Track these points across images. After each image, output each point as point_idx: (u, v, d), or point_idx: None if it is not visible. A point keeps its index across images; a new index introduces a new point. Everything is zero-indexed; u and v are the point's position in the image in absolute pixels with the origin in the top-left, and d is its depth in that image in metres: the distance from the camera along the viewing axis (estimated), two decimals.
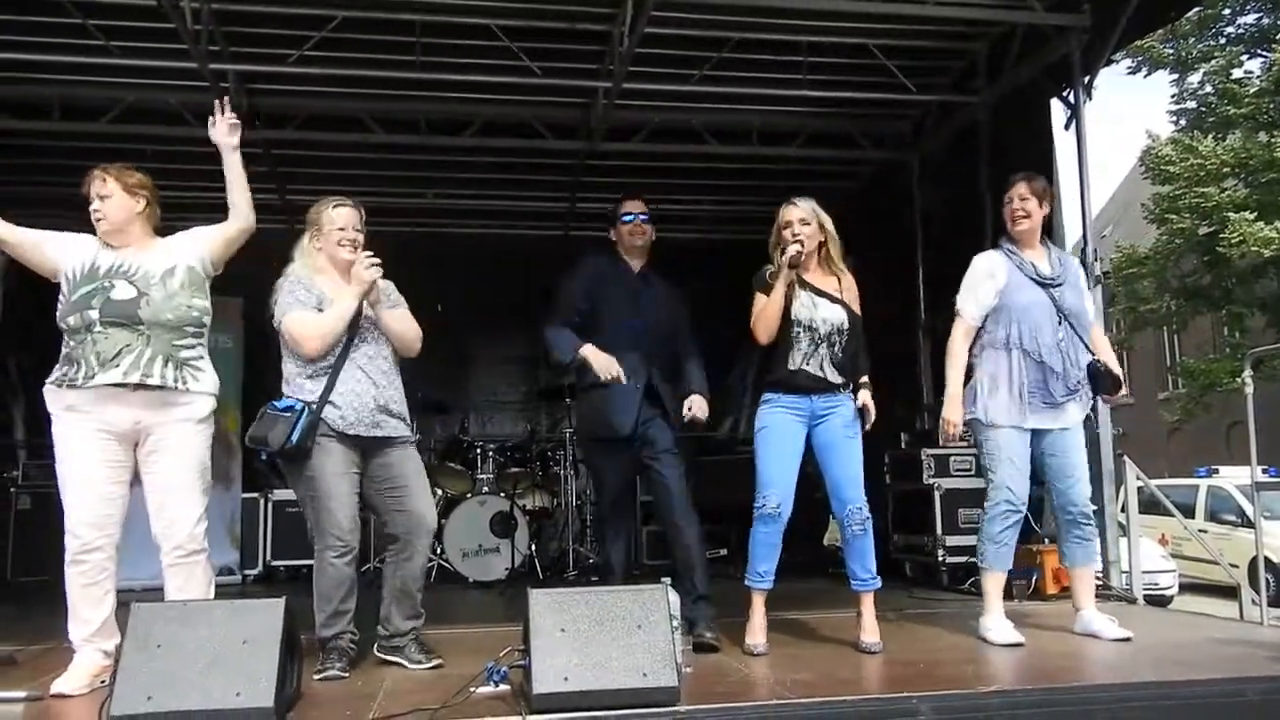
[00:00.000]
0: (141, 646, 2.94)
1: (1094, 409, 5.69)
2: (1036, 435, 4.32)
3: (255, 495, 8.04)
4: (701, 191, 9.15)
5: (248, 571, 7.81)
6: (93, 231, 3.70)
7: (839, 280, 4.22)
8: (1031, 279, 4.35)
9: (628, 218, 4.64)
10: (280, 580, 7.78)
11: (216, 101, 3.80)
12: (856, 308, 4.25)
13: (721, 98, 7.42)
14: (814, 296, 4.13)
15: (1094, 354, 4.38)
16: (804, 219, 4.15)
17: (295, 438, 3.64)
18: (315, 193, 3.89)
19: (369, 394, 3.79)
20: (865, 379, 4.22)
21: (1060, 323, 4.30)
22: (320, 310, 3.78)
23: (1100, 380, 4.35)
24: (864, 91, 7.35)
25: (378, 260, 3.79)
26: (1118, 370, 4.43)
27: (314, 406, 3.71)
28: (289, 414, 3.68)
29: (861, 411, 4.14)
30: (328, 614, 3.74)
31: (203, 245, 3.75)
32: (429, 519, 3.91)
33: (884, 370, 7.98)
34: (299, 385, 3.78)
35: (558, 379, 4.40)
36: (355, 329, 3.82)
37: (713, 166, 8.48)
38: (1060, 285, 4.36)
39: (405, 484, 3.88)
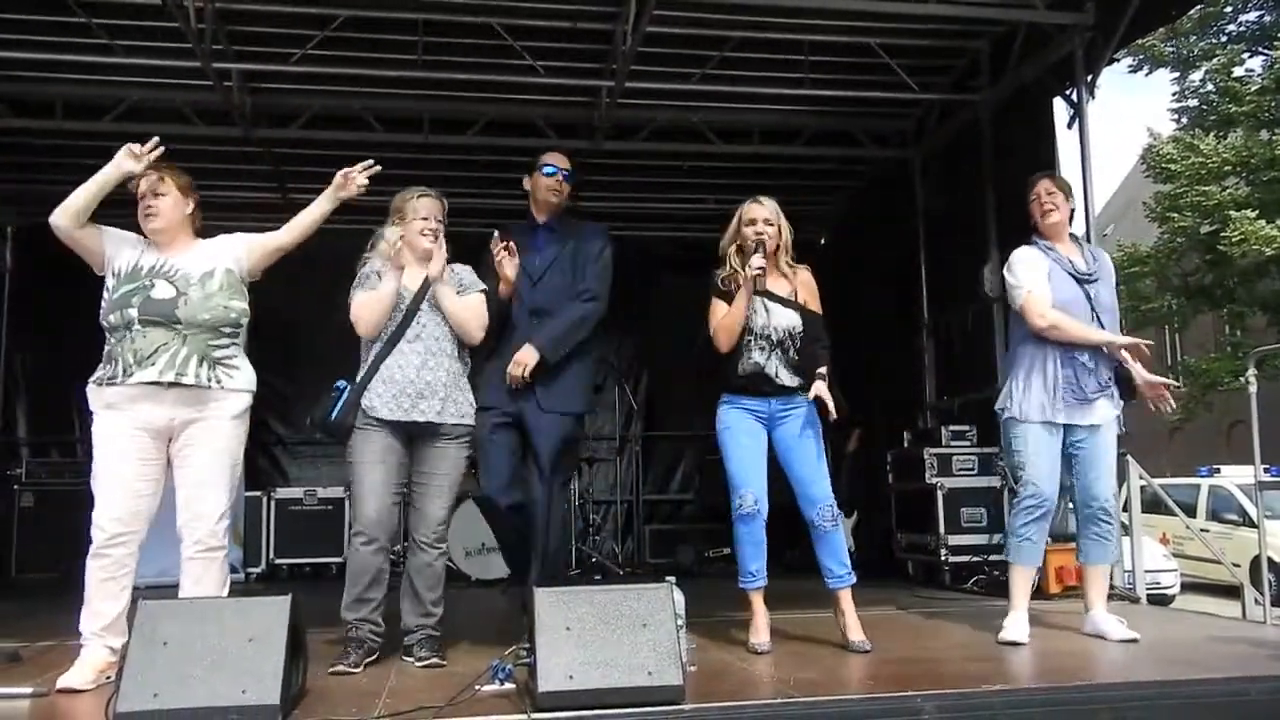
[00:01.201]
0: (148, 643, 2.95)
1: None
2: (1067, 430, 4.31)
3: (258, 494, 8.05)
4: (703, 190, 9.13)
5: (251, 570, 7.81)
6: (125, 228, 3.73)
7: (789, 280, 4.18)
8: (1069, 274, 4.34)
9: (549, 170, 4.48)
10: (283, 578, 7.80)
11: (357, 180, 3.85)
12: (815, 304, 4.20)
13: (724, 96, 7.43)
14: (766, 302, 4.08)
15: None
16: (768, 219, 4.12)
17: (334, 414, 3.77)
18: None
19: (411, 374, 3.83)
20: (822, 370, 4.06)
21: (1094, 318, 4.29)
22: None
23: (1121, 386, 4.34)
24: (866, 90, 7.35)
25: (435, 230, 3.90)
26: (1154, 379, 4.31)
27: (356, 385, 3.81)
28: (335, 393, 3.83)
29: (819, 403, 4.00)
30: (353, 597, 3.78)
31: (242, 251, 3.79)
32: (432, 520, 3.91)
33: (886, 369, 8.10)
34: (361, 367, 3.87)
35: None
36: (411, 313, 3.88)
37: (715, 165, 8.47)
38: (1095, 281, 4.36)
39: (425, 482, 3.92)
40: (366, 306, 3.86)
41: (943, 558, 6.47)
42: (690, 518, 9.54)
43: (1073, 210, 4.51)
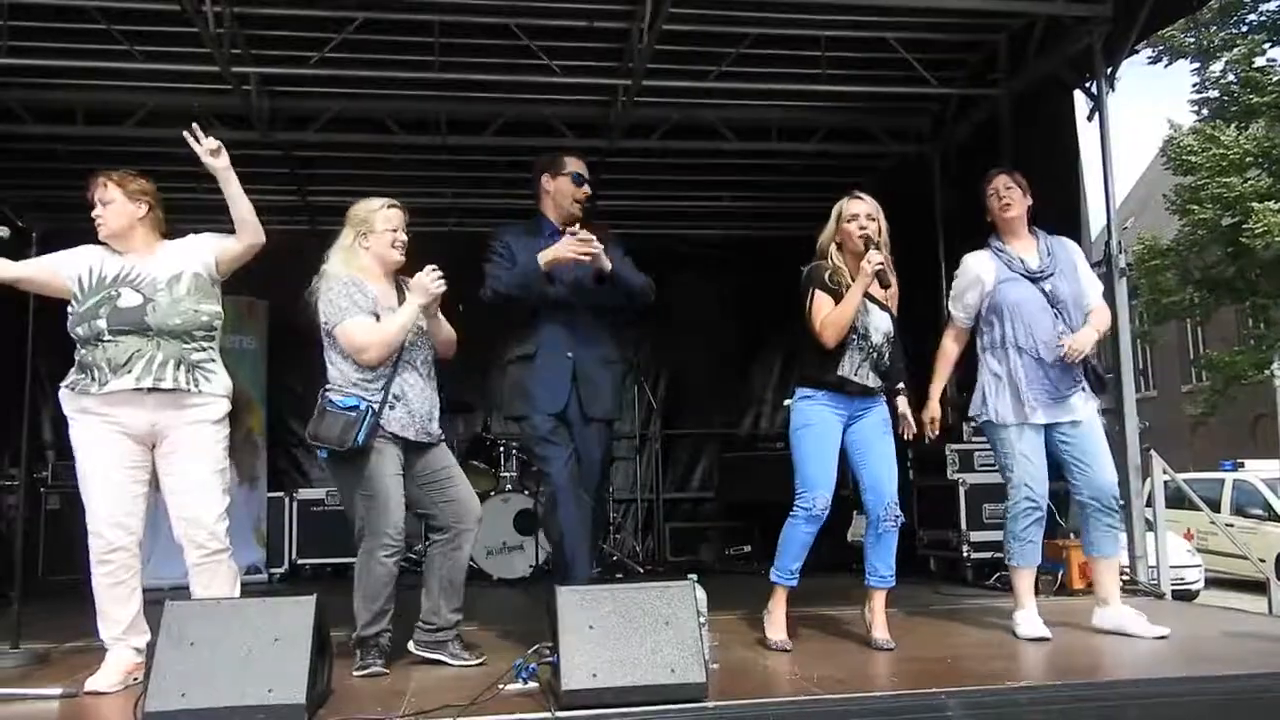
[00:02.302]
0: (175, 644, 2.98)
1: (1121, 403, 5.68)
2: (1049, 430, 4.29)
3: (280, 495, 8.11)
4: (720, 188, 9.13)
5: (274, 570, 7.86)
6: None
7: (886, 287, 4.18)
8: (1021, 274, 4.33)
9: (578, 177, 4.33)
10: (305, 579, 7.85)
11: (187, 133, 3.68)
12: (895, 312, 4.24)
13: (740, 94, 7.40)
14: (868, 303, 4.08)
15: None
16: (870, 214, 4.11)
17: (361, 438, 3.66)
18: (336, 194, 3.91)
19: (427, 397, 3.89)
20: (901, 385, 4.24)
21: (1057, 315, 4.27)
22: (376, 315, 3.78)
23: (1088, 378, 4.31)
24: (883, 85, 7.33)
25: (442, 274, 3.80)
26: (1105, 369, 4.51)
27: (375, 407, 3.72)
28: (353, 413, 3.67)
29: (897, 418, 4.16)
30: (373, 613, 3.73)
31: (208, 254, 3.75)
32: (476, 505, 3.97)
33: (906, 366, 8.05)
34: (362, 387, 3.75)
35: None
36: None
37: (731, 163, 8.46)
38: (1050, 276, 4.33)
39: (449, 475, 3.94)
40: (384, 337, 3.74)
41: (965, 554, 6.44)
42: (710, 515, 9.53)
43: (1029, 206, 4.46)
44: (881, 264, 3.97)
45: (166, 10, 5.76)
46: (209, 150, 3.65)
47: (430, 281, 3.79)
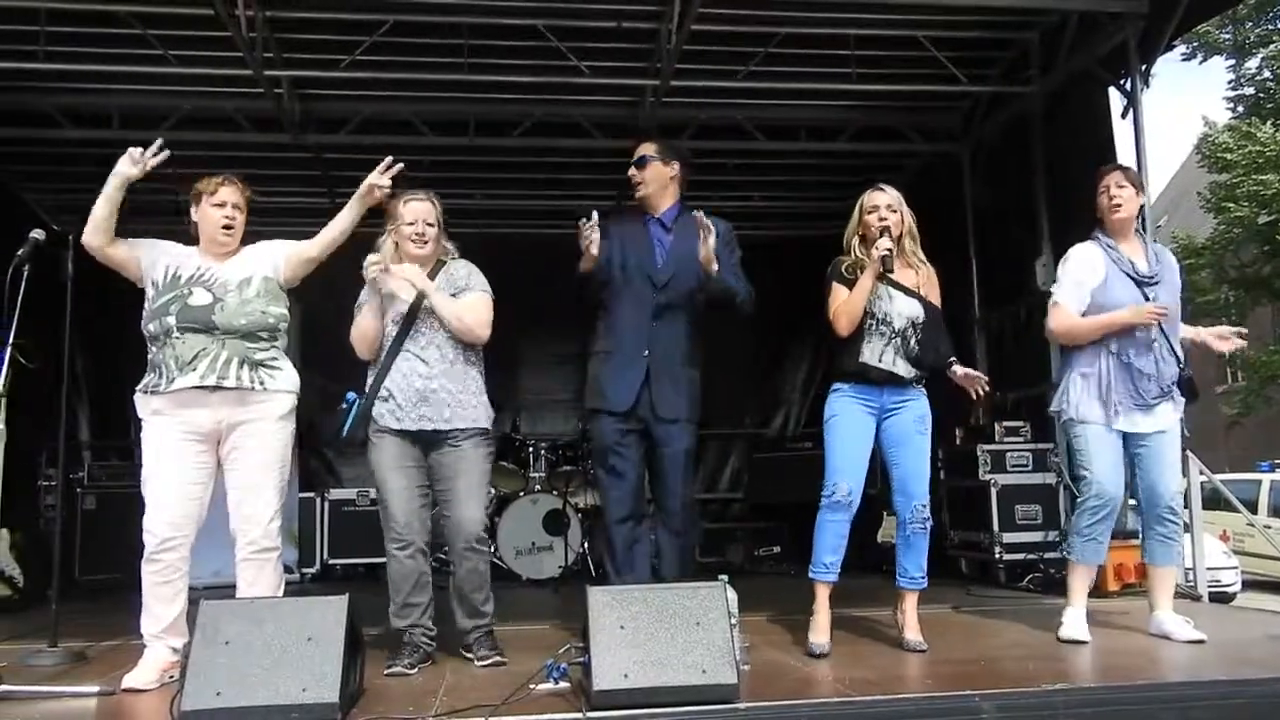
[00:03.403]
0: (210, 643, 3.00)
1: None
2: (1127, 436, 4.21)
3: (312, 495, 8.16)
4: (749, 188, 9.10)
5: (305, 570, 7.91)
6: (168, 236, 3.82)
7: (916, 272, 4.16)
8: (1129, 275, 4.22)
9: (637, 160, 4.30)
10: (337, 578, 7.90)
11: (379, 174, 3.80)
12: (936, 299, 4.20)
13: (768, 93, 7.38)
14: (890, 290, 4.07)
15: (1180, 361, 4.24)
16: (891, 205, 4.10)
17: (345, 430, 3.78)
18: None
19: (418, 382, 3.82)
20: (953, 358, 4.17)
21: (1155, 324, 4.14)
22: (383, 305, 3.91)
23: (1183, 387, 4.24)
24: (913, 84, 7.28)
25: (376, 261, 3.84)
26: (1214, 331, 4.38)
27: (364, 398, 3.82)
28: (345, 406, 3.84)
29: (968, 379, 4.11)
30: (398, 604, 3.82)
31: (280, 260, 3.83)
32: (468, 527, 3.84)
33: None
34: (370, 379, 3.89)
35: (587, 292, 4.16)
36: (412, 318, 3.88)
37: (760, 163, 8.44)
38: (1157, 284, 4.22)
39: (449, 488, 3.86)
40: (356, 338, 3.94)
41: (997, 555, 6.39)
42: (739, 516, 9.51)
43: (1142, 206, 4.37)
44: (887, 251, 3.94)
45: (200, 15, 5.82)
46: (378, 186, 3.79)
47: (366, 266, 3.82)
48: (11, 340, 3.57)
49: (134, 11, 6.09)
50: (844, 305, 4.03)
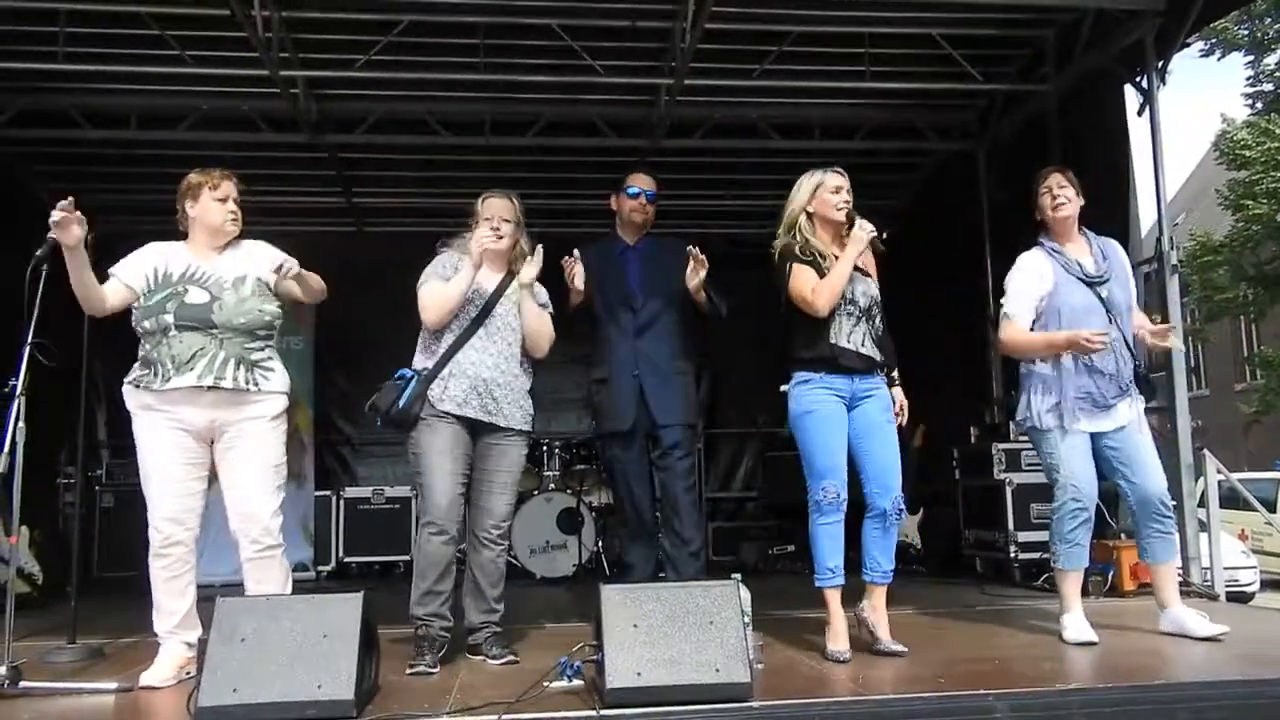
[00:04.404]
0: (226, 640, 3.03)
1: (1173, 401, 5.58)
2: (1095, 437, 4.20)
3: (328, 493, 8.20)
4: (763, 187, 9.06)
5: (321, 568, 7.96)
6: (171, 235, 3.83)
7: (875, 254, 4.10)
8: (1079, 278, 4.23)
9: (633, 191, 4.68)
10: (352, 576, 7.93)
11: (488, 237, 3.92)
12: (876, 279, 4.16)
13: (783, 92, 7.37)
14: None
15: (1136, 357, 4.24)
16: (847, 187, 4.03)
17: (402, 402, 3.80)
18: (381, 195, 3.96)
19: (478, 375, 3.86)
20: (895, 374, 4.12)
21: (1110, 321, 4.17)
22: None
23: (1140, 384, 4.24)
24: (928, 82, 7.26)
25: (498, 229, 3.93)
26: (1156, 329, 4.41)
27: (423, 375, 3.84)
28: (400, 381, 3.86)
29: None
30: (421, 591, 3.82)
31: (268, 272, 3.77)
32: (499, 513, 3.95)
33: (952, 363, 7.98)
34: (427, 355, 3.93)
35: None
36: (485, 312, 3.92)
37: (774, 161, 8.42)
38: (1106, 281, 4.23)
39: (488, 479, 3.95)
40: (438, 297, 3.89)
41: (1012, 554, 6.37)
42: (753, 514, 9.50)
43: (1081, 205, 4.35)
44: (874, 232, 3.92)
45: (217, 15, 5.86)
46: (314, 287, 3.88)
47: (481, 236, 3.87)
48: (30, 339, 3.59)
49: (152, 12, 6.13)
50: (825, 284, 3.87)
